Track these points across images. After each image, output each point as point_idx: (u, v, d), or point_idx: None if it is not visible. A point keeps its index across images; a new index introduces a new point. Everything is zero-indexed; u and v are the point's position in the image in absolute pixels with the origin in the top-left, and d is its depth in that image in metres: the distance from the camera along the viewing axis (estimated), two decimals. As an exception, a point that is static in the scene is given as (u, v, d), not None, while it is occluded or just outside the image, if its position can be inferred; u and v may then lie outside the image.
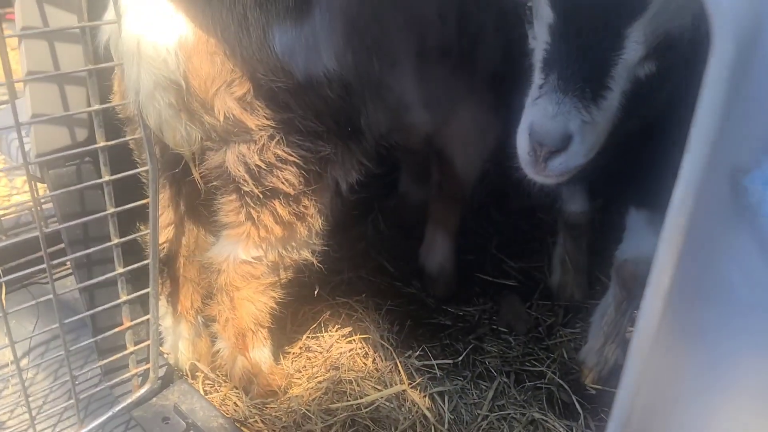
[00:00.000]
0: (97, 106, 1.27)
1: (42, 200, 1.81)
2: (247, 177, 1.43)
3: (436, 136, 1.94)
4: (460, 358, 1.95)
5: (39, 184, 1.57)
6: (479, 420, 1.81)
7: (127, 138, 1.38)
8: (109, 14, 1.29)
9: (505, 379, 1.92)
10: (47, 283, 1.41)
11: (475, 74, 1.89)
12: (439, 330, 2.12)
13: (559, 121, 1.17)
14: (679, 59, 1.20)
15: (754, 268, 0.69)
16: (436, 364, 1.91)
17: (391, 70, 1.56)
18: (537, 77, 1.24)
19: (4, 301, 1.35)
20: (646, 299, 0.67)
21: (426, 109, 1.78)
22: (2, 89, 1.17)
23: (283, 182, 1.44)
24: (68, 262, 1.56)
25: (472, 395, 1.88)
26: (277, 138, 1.40)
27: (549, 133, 1.18)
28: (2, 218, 2.07)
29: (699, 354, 0.74)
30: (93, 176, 1.42)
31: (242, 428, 1.70)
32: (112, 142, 1.31)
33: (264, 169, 1.42)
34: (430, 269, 2.25)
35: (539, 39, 1.26)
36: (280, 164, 1.42)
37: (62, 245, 1.58)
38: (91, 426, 1.60)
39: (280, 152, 1.41)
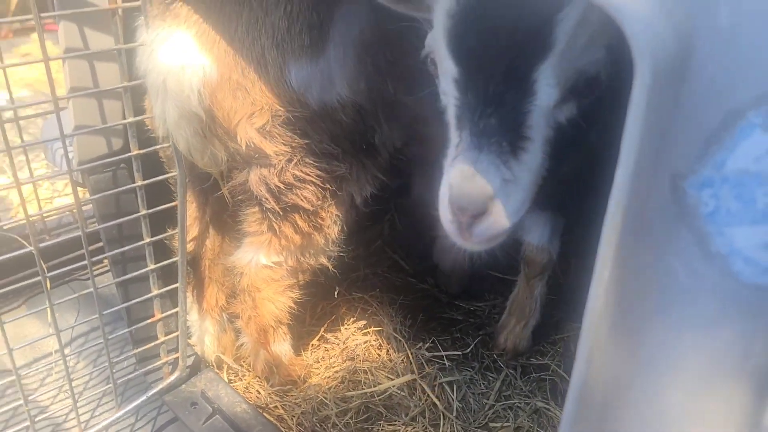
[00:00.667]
0: (131, 119, 1.41)
1: (82, 203, 1.96)
2: (267, 196, 1.57)
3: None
4: (469, 350, 2.06)
5: (80, 189, 1.73)
6: (486, 409, 1.92)
7: (157, 147, 1.52)
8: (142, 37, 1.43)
9: (512, 371, 2.03)
10: (87, 279, 1.56)
11: None
12: (450, 324, 2.23)
13: (477, 182, 1.06)
14: (601, 95, 1.12)
15: (693, 258, 0.80)
16: (446, 356, 2.02)
17: (405, 89, 1.65)
18: (452, 135, 1.14)
19: (49, 295, 1.49)
20: (591, 288, 0.77)
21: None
22: (48, 104, 1.32)
23: (301, 199, 1.58)
24: (106, 259, 1.71)
25: (480, 385, 1.99)
26: (295, 161, 1.53)
27: (468, 196, 1.07)
28: (46, 219, 2.24)
29: (649, 334, 0.84)
30: (127, 181, 1.56)
31: (264, 413, 1.83)
32: (144, 151, 1.45)
33: (283, 189, 1.56)
34: (443, 266, 2.36)
35: (449, 95, 1.15)
36: (298, 183, 1.56)
37: (100, 244, 1.74)
38: (127, 409, 1.75)
39: (298, 173, 1.54)
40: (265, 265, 1.71)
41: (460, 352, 2.05)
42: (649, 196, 0.80)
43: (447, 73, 1.14)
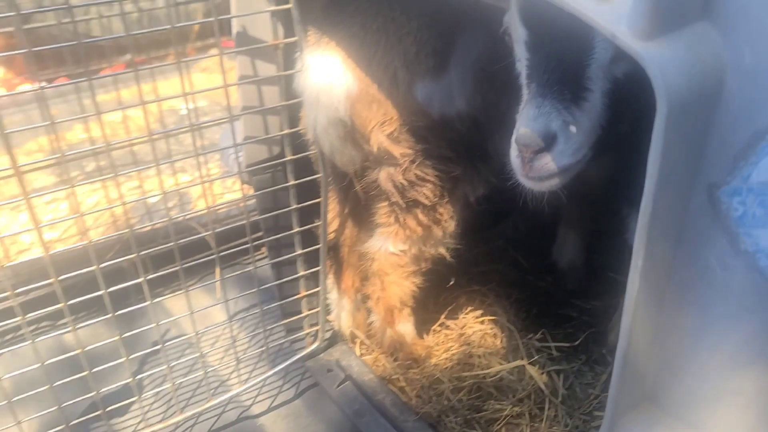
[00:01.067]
0: (286, 131, 1.75)
1: (247, 198, 2.36)
2: (393, 191, 1.86)
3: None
4: (578, 342, 2.21)
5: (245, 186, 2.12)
6: (591, 398, 2.07)
7: (307, 153, 1.85)
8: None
9: (619, 366, 2.15)
10: (249, 262, 1.92)
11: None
12: (564, 320, 2.38)
13: (540, 122, 1.21)
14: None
15: (725, 254, 0.95)
16: (555, 346, 2.18)
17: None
18: (524, 92, 1.30)
19: (218, 273, 1.86)
20: (630, 274, 0.95)
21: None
22: (226, 118, 1.69)
23: (421, 195, 1.86)
24: (264, 246, 2.07)
25: (587, 376, 2.14)
26: (417, 162, 1.81)
27: (532, 133, 1.21)
28: (218, 211, 2.69)
29: (688, 318, 1.00)
30: (283, 181, 1.90)
31: (388, 384, 2.11)
32: (296, 156, 1.79)
33: (407, 186, 1.84)
34: (561, 264, 2.52)
35: (521, 57, 1.33)
36: (419, 182, 1.83)
37: (260, 233, 2.10)
38: (276, 369, 2.11)
39: (419, 173, 1.81)
40: (392, 252, 2.00)
41: (568, 344, 2.20)
42: (690, 202, 0.96)
43: (520, 38, 1.33)
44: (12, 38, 4.18)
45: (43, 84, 4.36)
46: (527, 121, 1.24)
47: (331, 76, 1.74)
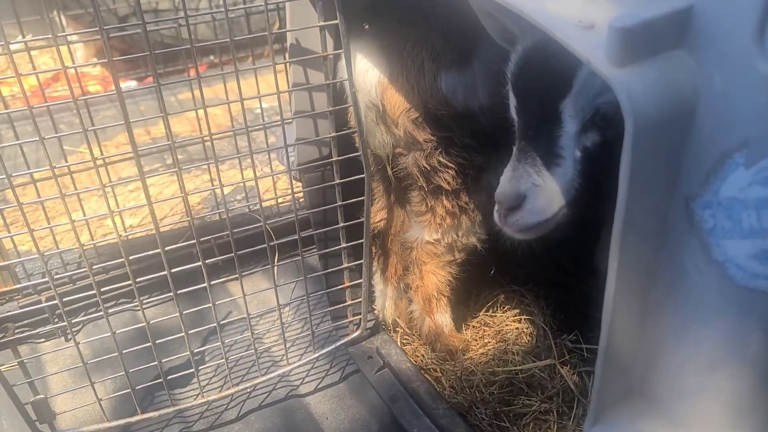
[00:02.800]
0: (334, 134, 1.92)
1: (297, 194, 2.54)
2: (418, 175, 2.00)
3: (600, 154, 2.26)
4: (609, 347, 2.26)
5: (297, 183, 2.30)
6: (621, 400, 2.12)
7: (352, 155, 2.00)
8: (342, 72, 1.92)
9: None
10: (304, 253, 2.09)
11: None
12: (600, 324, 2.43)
13: (513, 184, 1.42)
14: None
15: (700, 261, 1.03)
16: (586, 348, 2.25)
17: None
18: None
19: (273, 261, 2.05)
20: (608, 274, 1.05)
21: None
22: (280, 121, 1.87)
23: (443, 181, 1.98)
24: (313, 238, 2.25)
25: (618, 379, 2.19)
26: (440, 149, 1.94)
27: (505, 193, 1.43)
28: (280, 205, 2.90)
29: (666, 317, 1.08)
30: (331, 179, 2.06)
31: (423, 373, 2.25)
32: (342, 157, 1.95)
33: (430, 171, 1.98)
34: (601, 268, 2.56)
35: (513, 119, 1.53)
36: (441, 168, 1.96)
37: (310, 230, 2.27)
38: (320, 353, 2.28)
39: (441, 159, 1.95)
40: (428, 241, 2.14)
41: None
42: (670, 210, 1.05)
43: (512, 101, 1.53)
44: (110, 41, 4.56)
45: (131, 83, 4.75)
46: (503, 182, 1.45)
47: (366, 64, 1.93)
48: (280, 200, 2.96)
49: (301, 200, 2.77)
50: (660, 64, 0.96)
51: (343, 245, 2.10)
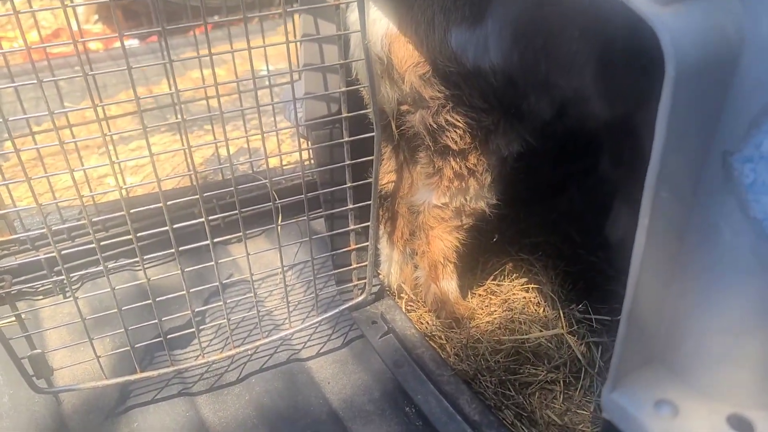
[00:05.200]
0: (344, 89, 1.84)
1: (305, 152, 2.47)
2: (425, 133, 1.94)
3: (617, 124, 2.19)
4: (619, 317, 2.21)
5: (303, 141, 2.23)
6: (629, 372, 2.08)
7: (362, 111, 1.93)
8: (352, 18, 1.83)
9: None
10: (309, 215, 2.03)
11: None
12: (610, 296, 2.38)
13: None
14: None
15: (736, 221, 0.97)
16: (595, 319, 2.21)
17: (560, 72, 1.84)
18: None
19: (278, 222, 1.99)
20: (637, 232, 0.99)
21: (600, 105, 2.04)
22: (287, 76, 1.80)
23: (450, 141, 1.91)
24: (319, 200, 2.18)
25: (627, 351, 2.15)
26: (448, 107, 1.86)
27: None
28: (284, 167, 2.83)
29: (697, 280, 1.03)
30: (339, 137, 2.00)
31: (428, 340, 2.20)
32: (351, 114, 1.88)
33: (437, 129, 1.90)
34: (612, 239, 2.51)
35: None
36: (448, 127, 1.89)
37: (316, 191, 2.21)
38: (323, 316, 2.23)
39: (449, 118, 1.87)
40: (436, 205, 2.08)
41: (610, 318, 2.22)
42: (704, 166, 0.99)
43: None
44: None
45: (135, 41, 4.65)
46: None
47: (374, 14, 1.85)
48: (284, 162, 2.89)
49: (306, 162, 2.70)
50: (705, 5, 0.89)
51: (350, 206, 2.04)
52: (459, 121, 1.88)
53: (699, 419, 1.06)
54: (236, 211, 1.89)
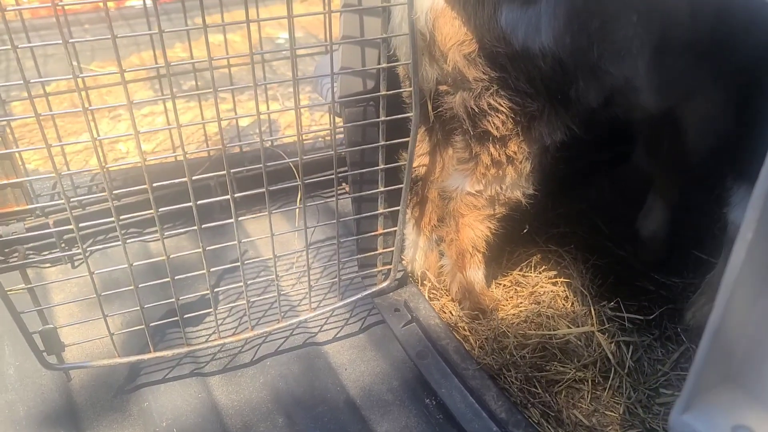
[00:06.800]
0: (384, 65, 1.73)
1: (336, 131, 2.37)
2: (465, 117, 1.83)
3: (662, 116, 2.09)
4: (653, 317, 2.14)
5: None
6: (659, 375, 2.02)
7: (401, 90, 1.82)
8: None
9: (694, 346, 2.08)
10: (331, 196, 1.94)
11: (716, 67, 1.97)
12: (640, 293, 2.31)
13: None
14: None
15: None
16: (627, 317, 2.13)
17: (613, 58, 1.74)
18: None
19: (303, 201, 1.89)
20: (735, 245, 0.90)
21: (649, 95, 1.93)
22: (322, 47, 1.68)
23: (492, 126, 1.81)
24: (345, 182, 2.09)
25: (658, 352, 2.08)
26: (492, 90, 1.76)
27: None
28: (304, 142, 2.72)
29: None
30: (374, 116, 1.89)
31: (452, 331, 2.13)
32: (390, 92, 1.77)
33: (478, 113, 1.80)
34: (643, 234, 2.43)
35: None
36: (491, 111, 1.78)
37: (345, 169, 2.11)
38: (345, 301, 2.15)
39: (492, 102, 1.77)
40: (469, 192, 1.99)
41: (642, 317, 2.14)
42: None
43: None
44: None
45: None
46: None
47: None
48: (304, 136, 2.78)
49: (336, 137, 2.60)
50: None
51: (381, 189, 1.94)
52: (502, 106, 1.78)
53: (779, 447, 0.98)
54: (258, 189, 1.78)
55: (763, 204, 0.85)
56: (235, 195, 1.77)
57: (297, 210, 1.92)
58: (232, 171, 2.46)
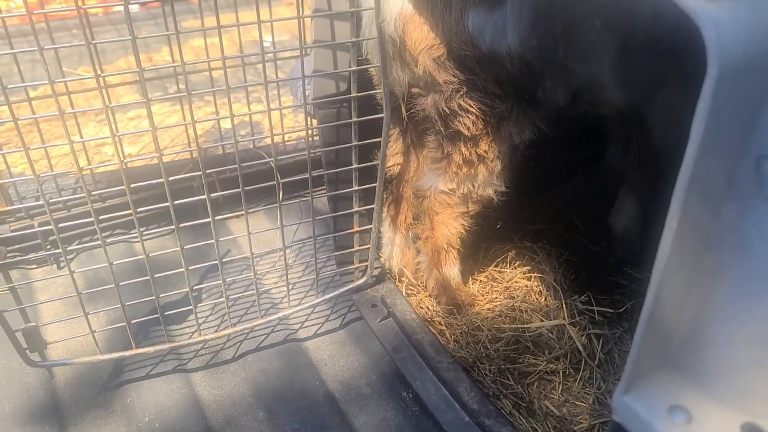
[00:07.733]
0: (354, 68, 1.79)
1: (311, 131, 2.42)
2: (437, 118, 1.89)
3: (629, 112, 2.14)
4: (623, 309, 2.20)
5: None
6: (629, 366, 2.07)
7: (372, 92, 1.88)
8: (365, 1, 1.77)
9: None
10: (309, 194, 1.98)
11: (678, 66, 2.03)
12: (613, 287, 2.36)
13: None
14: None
15: (765, 225, 0.94)
16: (597, 311, 2.19)
17: (579, 59, 1.78)
18: None
19: (280, 200, 1.94)
20: (663, 235, 0.96)
21: (615, 92, 1.98)
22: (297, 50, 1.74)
23: (463, 126, 1.86)
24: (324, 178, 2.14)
25: (628, 344, 2.13)
26: (461, 92, 1.81)
27: None
28: (286, 143, 2.78)
29: (721, 287, 1.00)
30: (347, 117, 1.95)
31: (428, 326, 2.18)
32: (361, 94, 1.82)
33: (449, 114, 1.85)
34: (615, 230, 2.49)
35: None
36: (461, 112, 1.83)
37: (320, 169, 2.17)
38: (324, 298, 2.20)
39: (462, 103, 1.82)
40: (442, 190, 2.04)
41: (612, 310, 2.19)
42: (736, 171, 0.95)
43: None
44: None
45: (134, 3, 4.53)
46: None
47: None
48: (286, 138, 2.84)
49: (311, 139, 2.65)
50: (753, 0, 0.84)
51: (356, 188, 2.00)
52: (472, 107, 1.83)
53: (713, 427, 1.04)
54: (237, 189, 1.83)
55: (685, 196, 0.90)
56: (213, 195, 1.82)
57: (279, 209, 1.97)
58: (214, 171, 2.52)
